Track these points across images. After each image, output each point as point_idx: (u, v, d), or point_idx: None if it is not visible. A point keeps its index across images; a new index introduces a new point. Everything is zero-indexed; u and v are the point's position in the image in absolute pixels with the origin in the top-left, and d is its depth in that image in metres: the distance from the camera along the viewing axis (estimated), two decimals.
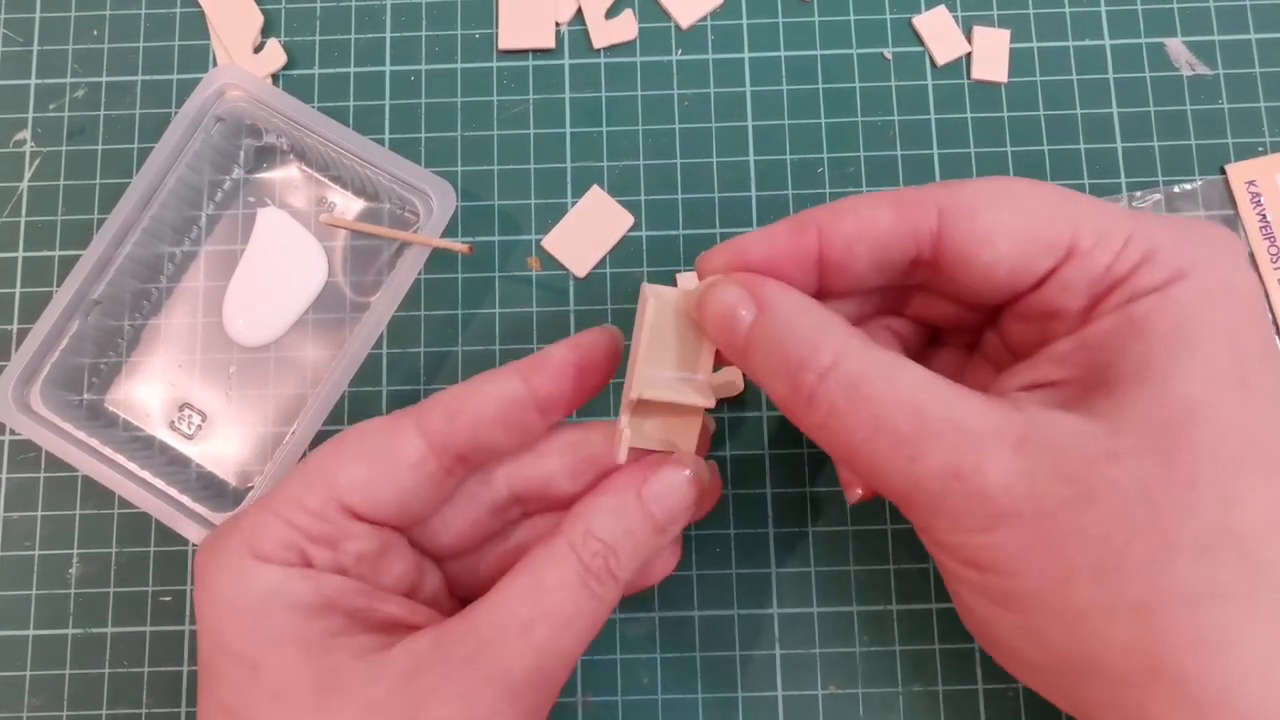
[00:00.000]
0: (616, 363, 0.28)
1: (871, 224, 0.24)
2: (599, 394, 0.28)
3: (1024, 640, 0.23)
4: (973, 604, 0.24)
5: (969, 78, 0.38)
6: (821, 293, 0.26)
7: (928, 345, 0.30)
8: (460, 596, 0.30)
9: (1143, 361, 0.22)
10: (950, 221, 0.24)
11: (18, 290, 0.37)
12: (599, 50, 0.38)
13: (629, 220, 0.37)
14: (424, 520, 0.28)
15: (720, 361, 0.27)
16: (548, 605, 0.24)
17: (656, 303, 0.26)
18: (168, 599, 0.35)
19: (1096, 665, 0.21)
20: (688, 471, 0.26)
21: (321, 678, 0.23)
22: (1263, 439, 0.21)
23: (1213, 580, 0.20)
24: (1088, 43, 0.38)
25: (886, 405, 0.22)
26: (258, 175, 0.38)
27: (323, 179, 0.37)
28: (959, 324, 0.28)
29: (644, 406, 0.27)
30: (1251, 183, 0.37)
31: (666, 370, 0.26)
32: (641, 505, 0.26)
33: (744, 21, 0.39)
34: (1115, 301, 0.23)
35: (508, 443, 0.27)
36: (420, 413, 0.26)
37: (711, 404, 0.26)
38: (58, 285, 0.36)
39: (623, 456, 0.27)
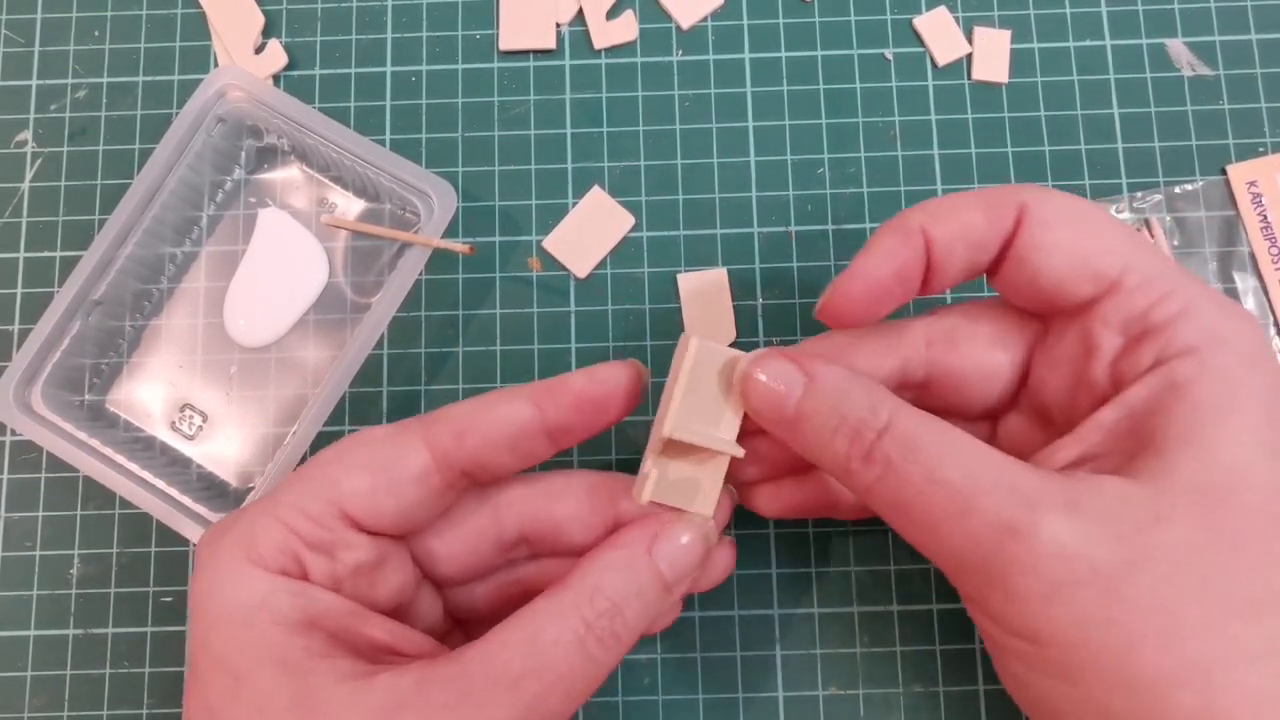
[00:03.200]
0: (636, 401, 0.27)
1: (970, 226, 0.26)
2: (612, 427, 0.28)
3: (1086, 712, 0.23)
4: (1028, 680, 0.24)
5: (969, 78, 0.38)
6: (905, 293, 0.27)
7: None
8: (457, 619, 0.30)
9: (1187, 425, 0.23)
10: (1027, 224, 0.25)
11: (19, 291, 0.37)
12: (600, 51, 0.38)
13: (630, 221, 0.37)
14: (421, 529, 0.28)
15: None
16: (541, 663, 0.24)
17: (699, 349, 0.26)
18: (169, 599, 0.35)
19: None
20: (699, 530, 0.26)
21: (301, 699, 0.23)
22: None
23: (1269, 639, 0.21)
24: (1088, 43, 0.38)
25: (941, 460, 0.23)
26: (259, 176, 0.38)
27: (324, 180, 0.37)
28: (984, 395, 0.28)
29: (670, 451, 0.27)
30: (1252, 183, 0.37)
31: (694, 421, 0.26)
32: (651, 563, 0.25)
33: (744, 22, 0.39)
34: (1150, 352, 0.24)
35: (514, 465, 0.27)
36: (427, 427, 0.26)
37: (741, 453, 0.26)
38: (59, 286, 0.36)
39: (646, 498, 0.26)
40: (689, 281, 0.36)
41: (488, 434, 0.26)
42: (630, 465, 0.34)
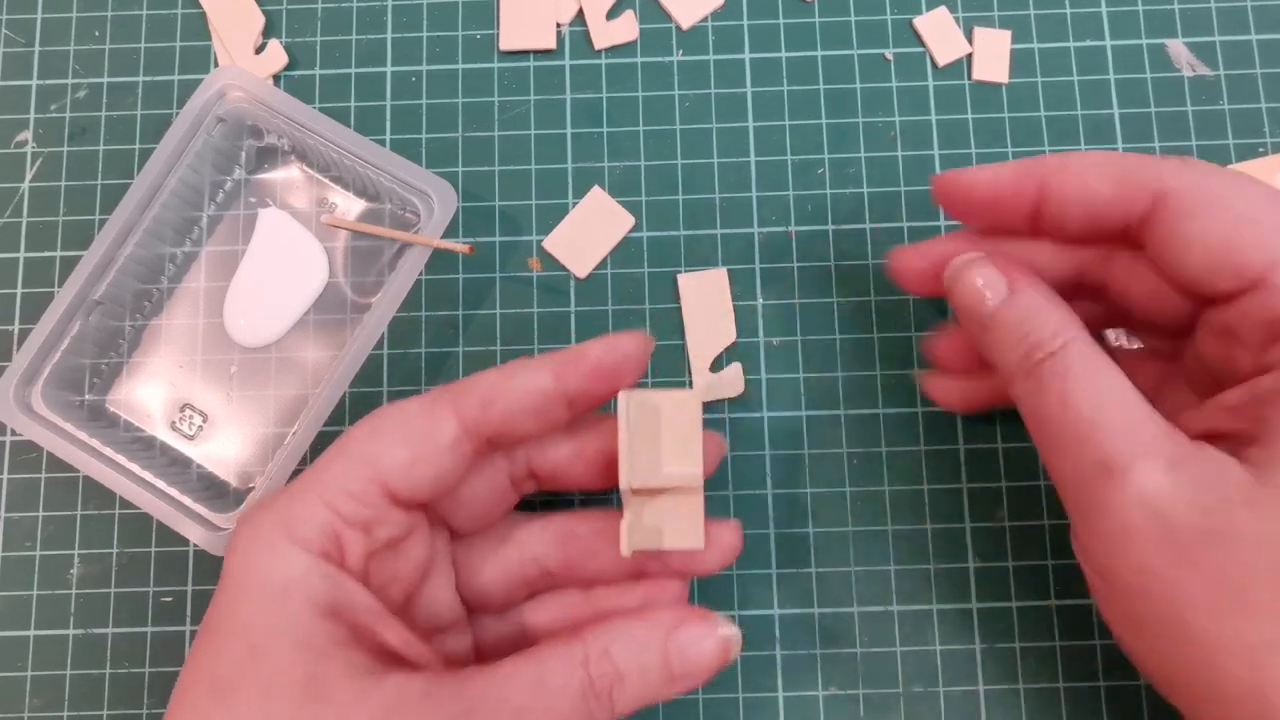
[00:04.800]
0: (644, 369, 0.28)
1: (1093, 194, 0.26)
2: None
3: (1150, 661, 0.25)
4: (1109, 618, 0.26)
5: (970, 78, 0.38)
6: (1033, 234, 0.28)
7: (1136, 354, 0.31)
8: (470, 608, 0.30)
9: None
10: (1163, 212, 0.25)
11: (19, 291, 0.37)
12: (600, 51, 0.38)
13: (630, 221, 0.37)
14: (450, 494, 0.28)
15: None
16: (544, 704, 0.24)
17: (627, 400, 0.28)
18: (169, 600, 0.35)
19: (1214, 695, 0.23)
20: (722, 640, 0.26)
21: (312, 682, 0.23)
22: None
23: None
24: (1089, 43, 0.38)
25: (1082, 389, 0.25)
26: (259, 176, 0.38)
27: (324, 180, 0.37)
28: (1159, 316, 0.28)
29: (644, 495, 0.28)
30: None
31: (653, 464, 0.28)
32: (664, 651, 0.25)
33: (745, 22, 0.39)
34: None
35: (536, 431, 0.28)
36: (457, 396, 0.27)
37: (699, 483, 0.28)
38: (59, 286, 0.36)
39: (628, 551, 0.28)
40: (689, 281, 0.36)
41: (512, 402, 0.27)
42: None
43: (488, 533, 0.31)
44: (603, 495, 0.35)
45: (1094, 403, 0.24)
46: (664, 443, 0.28)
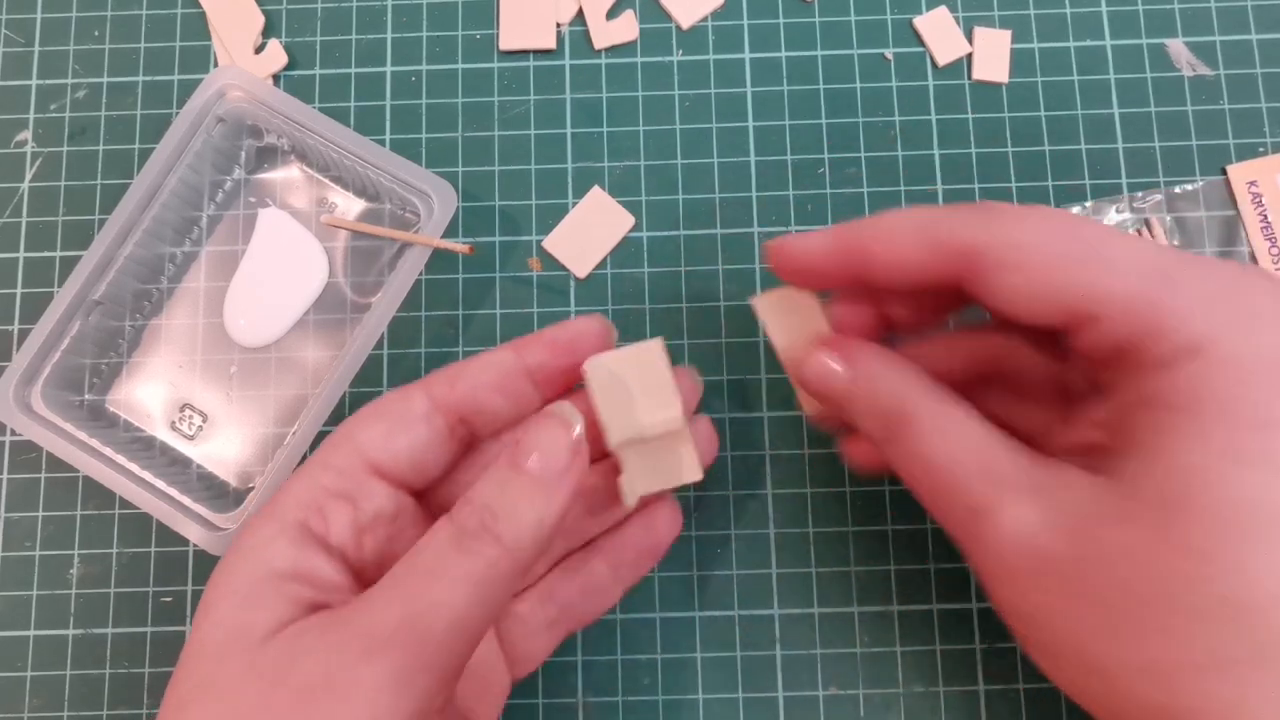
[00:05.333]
0: (604, 344, 0.29)
1: (906, 260, 0.26)
2: None
3: (1075, 692, 0.24)
4: (1031, 656, 0.26)
5: (970, 78, 0.38)
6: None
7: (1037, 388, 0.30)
8: None
9: (1155, 432, 0.23)
10: (978, 269, 0.25)
11: (19, 291, 0.37)
12: (600, 51, 0.38)
13: (630, 221, 0.37)
14: (436, 479, 0.29)
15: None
16: (417, 562, 0.25)
17: (592, 366, 0.28)
18: (168, 599, 0.35)
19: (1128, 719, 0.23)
20: (558, 414, 0.27)
21: (241, 627, 0.24)
22: (1267, 510, 0.22)
23: (1222, 647, 0.21)
24: (1089, 43, 0.38)
25: (937, 445, 0.25)
26: (259, 176, 0.38)
27: (324, 179, 0.37)
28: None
29: (634, 447, 0.29)
30: (1253, 183, 0.37)
31: (631, 417, 0.29)
32: (514, 463, 0.26)
33: (745, 22, 0.39)
34: (1132, 363, 0.24)
35: (505, 408, 0.29)
36: (425, 380, 0.29)
37: (683, 424, 0.29)
38: (59, 286, 0.36)
39: (632, 501, 0.29)
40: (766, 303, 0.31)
41: (476, 377, 0.29)
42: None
43: None
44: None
45: (949, 454, 0.25)
46: (637, 395, 0.29)
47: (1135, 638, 0.22)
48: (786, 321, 0.30)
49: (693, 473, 0.29)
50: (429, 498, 0.29)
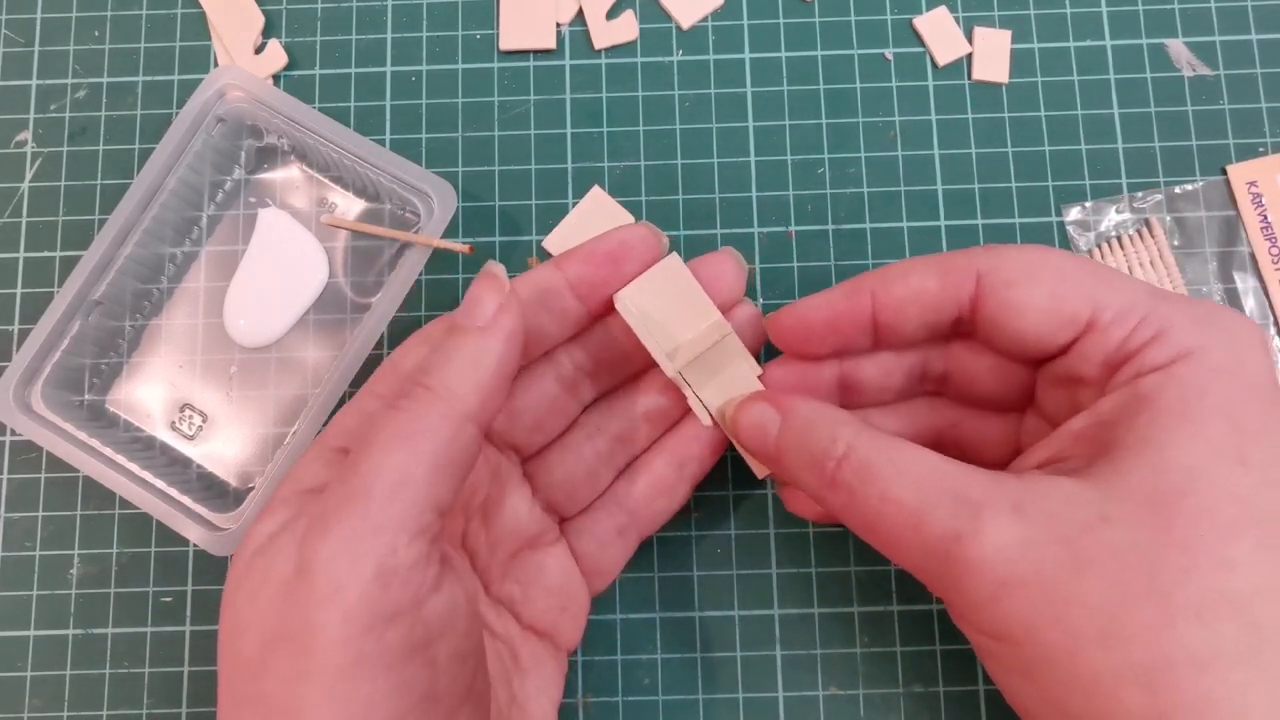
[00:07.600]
0: (656, 254, 0.30)
1: (921, 292, 0.27)
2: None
3: (1048, 710, 0.23)
4: (999, 676, 0.25)
5: (970, 78, 0.38)
6: (875, 347, 0.29)
7: (979, 420, 0.31)
8: (551, 509, 0.32)
9: (1144, 433, 0.23)
10: (988, 288, 0.27)
11: (19, 291, 0.37)
12: (600, 51, 0.38)
13: (630, 221, 0.37)
14: (499, 406, 0.28)
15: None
16: (346, 425, 0.26)
17: (624, 299, 0.29)
18: (168, 600, 0.35)
19: None
20: (482, 276, 0.26)
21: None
22: (1258, 507, 0.22)
23: (1215, 644, 0.21)
24: (1089, 43, 0.38)
25: (891, 480, 0.25)
26: (259, 176, 0.38)
27: (324, 179, 0.37)
28: (998, 394, 0.30)
29: (689, 373, 0.30)
30: (1253, 183, 0.37)
31: (686, 333, 0.30)
32: (449, 323, 0.26)
33: (745, 22, 0.39)
34: (1126, 374, 0.25)
35: (553, 326, 0.29)
36: None
37: (727, 328, 0.30)
38: (59, 286, 0.36)
39: (707, 422, 0.30)
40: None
41: (520, 295, 0.27)
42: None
43: (562, 440, 0.32)
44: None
45: (911, 485, 0.24)
46: (674, 314, 0.29)
47: (1122, 640, 0.22)
48: (715, 380, 0.30)
49: (754, 381, 0.30)
50: None
